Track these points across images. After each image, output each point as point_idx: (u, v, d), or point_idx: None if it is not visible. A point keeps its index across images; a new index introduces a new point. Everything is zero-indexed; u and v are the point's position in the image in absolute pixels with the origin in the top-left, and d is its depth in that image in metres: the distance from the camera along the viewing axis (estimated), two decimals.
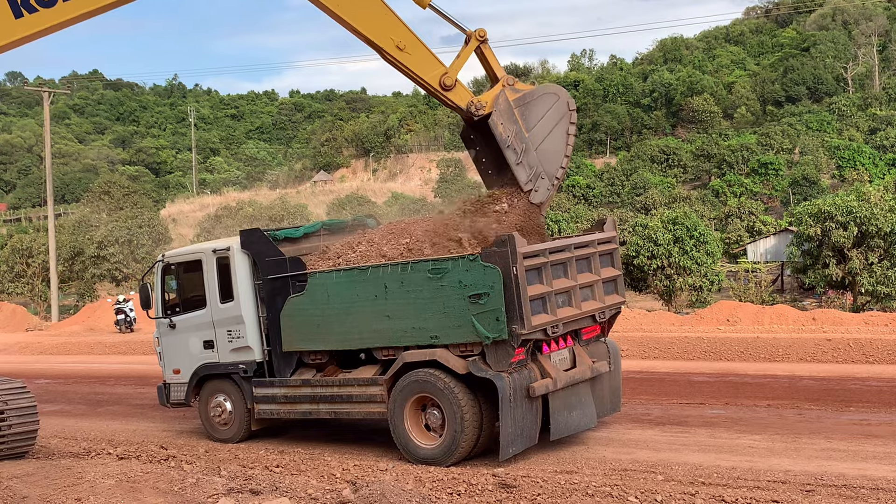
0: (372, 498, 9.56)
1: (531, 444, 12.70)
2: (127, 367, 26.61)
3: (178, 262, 15.88)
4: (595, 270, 13.73)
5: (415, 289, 12.82)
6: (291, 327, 14.09)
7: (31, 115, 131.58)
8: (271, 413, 14.70)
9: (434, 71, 13.79)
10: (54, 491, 11.04)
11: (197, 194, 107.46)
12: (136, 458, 13.73)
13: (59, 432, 16.26)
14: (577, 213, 55.09)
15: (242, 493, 10.92)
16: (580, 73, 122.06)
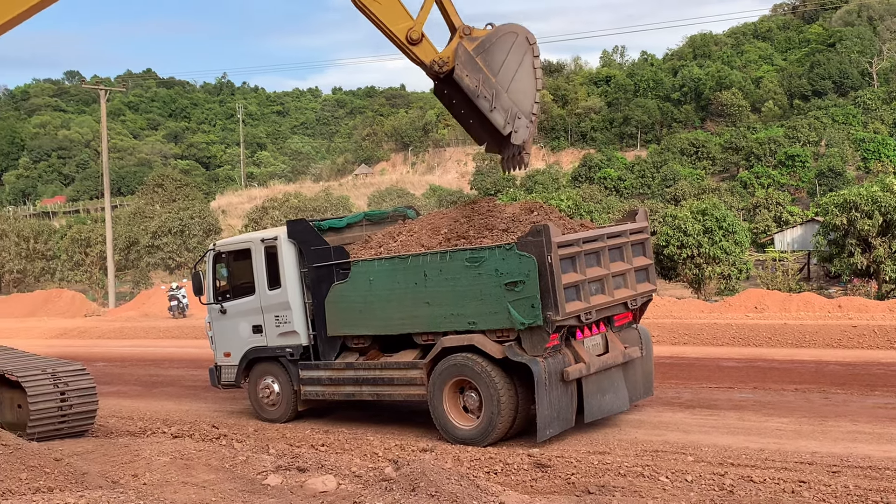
0: (413, 476, 9.55)
1: (567, 427, 12.69)
2: (180, 351, 26.82)
3: (229, 251, 15.99)
4: (627, 259, 13.66)
5: (453, 276, 12.82)
6: (335, 313, 14.14)
7: (89, 112, 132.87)
8: (316, 394, 14.79)
9: (402, 23, 13.04)
10: (113, 467, 11.16)
11: (245, 187, 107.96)
12: (189, 436, 13.87)
13: (117, 412, 16.45)
14: (608, 205, 54.82)
15: (290, 471, 10.99)
16: (612, 68, 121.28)
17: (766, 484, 10.18)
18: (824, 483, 10.11)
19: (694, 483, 10.33)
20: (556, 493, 10.14)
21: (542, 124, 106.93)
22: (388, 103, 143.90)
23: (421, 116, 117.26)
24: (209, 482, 10.61)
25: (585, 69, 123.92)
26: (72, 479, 10.30)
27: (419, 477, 9.45)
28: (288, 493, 10.10)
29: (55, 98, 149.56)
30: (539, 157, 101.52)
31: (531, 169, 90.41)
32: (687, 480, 10.46)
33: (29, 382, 12.97)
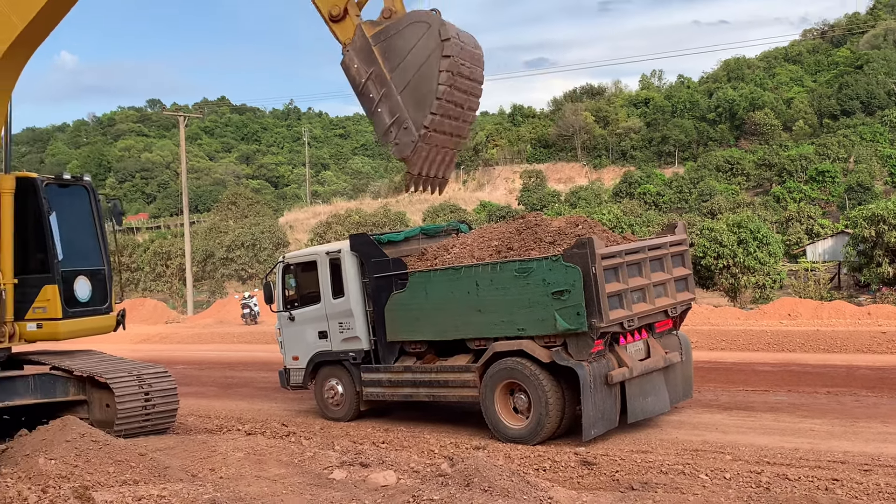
0: (467, 472, 9.53)
1: (611, 427, 12.62)
2: (252, 355, 27.09)
3: (297, 263, 16.13)
4: (667, 270, 13.65)
5: (503, 286, 12.81)
6: (394, 320, 14.23)
7: (169, 137, 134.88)
8: (377, 395, 14.87)
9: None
10: (192, 462, 11.29)
11: (310, 204, 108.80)
12: (261, 433, 13.97)
13: (195, 411, 16.65)
14: (648, 219, 54.33)
15: (353, 466, 11.02)
16: (650, 91, 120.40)
17: (800, 482, 10.04)
18: (856, 481, 9.95)
19: (732, 480, 10.22)
20: (602, 489, 10.07)
21: (584, 143, 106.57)
22: None
23: (472, 138, 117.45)
24: (280, 476, 10.69)
25: (625, 92, 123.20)
26: (155, 472, 10.43)
27: (473, 473, 9.44)
28: (352, 486, 10.14)
29: (138, 124, 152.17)
30: (582, 174, 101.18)
31: (574, 185, 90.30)
32: (725, 478, 10.35)
33: (117, 384, 13.16)
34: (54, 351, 14.18)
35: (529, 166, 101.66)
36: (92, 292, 13.82)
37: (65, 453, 10.60)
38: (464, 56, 10.45)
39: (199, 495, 8.89)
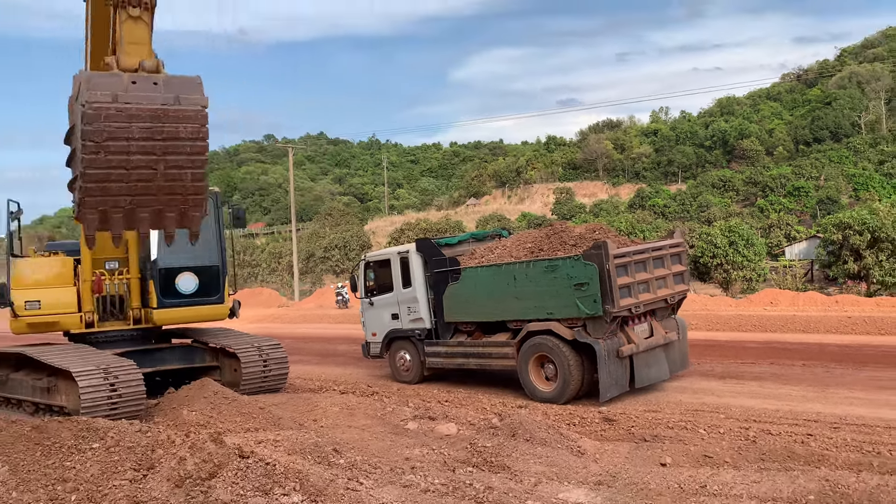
0: (513, 425, 9.53)
1: (623, 391, 12.54)
2: (343, 332, 27.33)
3: (375, 261, 16.25)
4: (667, 266, 13.50)
5: (535, 279, 12.88)
6: (450, 305, 14.38)
7: (280, 163, 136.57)
8: (437, 364, 14.97)
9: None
10: (299, 414, 11.45)
11: (388, 215, 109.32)
12: (351, 393, 14.10)
13: (301, 375, 16.84)
14: (657, 226, 53.58)
15: (423, 419, 11.07)
16: (658, 124, 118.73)
17: (780, 436, 9.85)
18: (827, 436, 9.73)
19: (725, 434, 10.06)
20: (620, 440, 9.98)
21: (605, 166, 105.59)
22: (491, 153, 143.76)
23: (515, 162, 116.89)
24: (366, 426, 10.79)
25: (638, 125, 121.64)
26: (271, 422, 10.60)
27: (517, 426, 9.44)
28: (422, 435, 10.20)
29: (257, 153, 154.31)
30: (603, 190, 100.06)
31: (597, 199, 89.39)
32: (720, 432, 10.19)
33: (242, 353, 13.39)
34: (196, 328, 14.38)
35: (561, 184, 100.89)
36: (200, 285, 13.32)
37: (202, 407, 10.83)
38: (120, 116, 7.61)
39: (305, 440, 9.01)
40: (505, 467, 8.24)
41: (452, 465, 8.35)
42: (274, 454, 7.84)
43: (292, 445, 8.62)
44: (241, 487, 6.38)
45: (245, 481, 6.45)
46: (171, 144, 7.91)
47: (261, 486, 6.40)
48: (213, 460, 6.73)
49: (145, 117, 7.73)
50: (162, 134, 7.84)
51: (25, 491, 7.11)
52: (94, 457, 7.50)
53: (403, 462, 8.42)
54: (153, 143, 7.83)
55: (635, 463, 8.57)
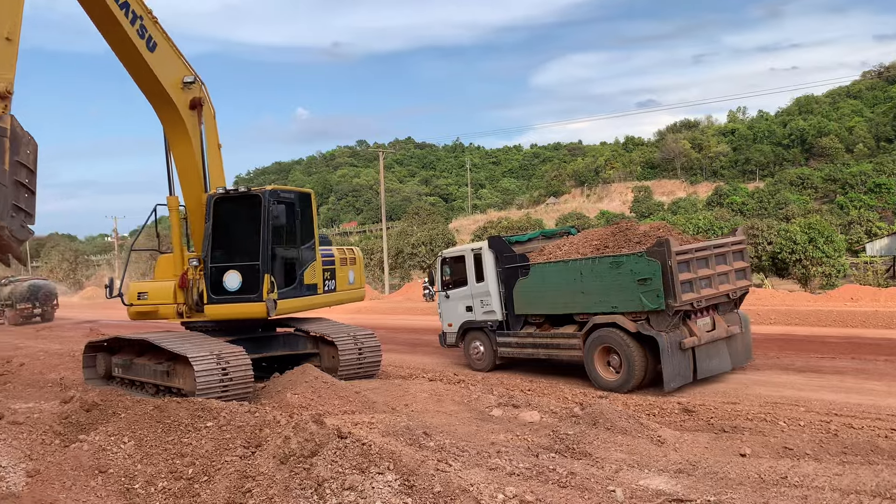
0: (594, 414, 9.43)
1: (686, 382, 12.43)
2: (430, 324, 27.53)
3: (451, 257, 16.52)
4: (729, 263, 13.38)
5: (601, 274, 12.92)
6: (520, 299, 14.50)
7: (371, 167, 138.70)
8: (508, 354, 15.13)
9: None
10: (391, 399, 11.62)
11: (471, 213, 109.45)
12: (439, 380, 14.20)
13: (392, 363, 17.08)
14: (735, 223, 51.78)
15: (507, 406, 11.06)
16: (736, 123, 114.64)
17: (863, 430, 9.37)
18: None
19: (806, 427, 9.64)
20: (700, 430, 9.71)
21: (682, 165, 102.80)
22: (570, 153, 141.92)
23: (593, 162, 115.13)
24: (454, 411, 10.86)
25: (715, 124, 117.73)
26: (366, 405, 10.81)
27: (598, 415, 9.32)
28: (507, 421, 10.20)
29: (350, 158, 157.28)
30: (681, 188, 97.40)
31: (675, 197, 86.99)
32: (800, 425, 9.77)
33: (340, 342, 13.70)
34: (298, 318, 14.63)
35: (639, 183, 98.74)
36: (242, 283, 12.66)
37: (304, 390, 11.13)
38: None
39: (397, 423, 9.15)
40: (586, 454, 8.15)
41: (536, 450, 8.32)
42: (369, 435, 8.01)
43: (386, 428, 8.77)
44: (340, 465, 6.54)
45: (343, 460, 6.61)
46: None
47: (358, 464, 6.54)
48: (314, 440, 6.93)
49: None
50: None
51: (149, 464, 7.51)
52: (208, 434, 7.83)
53: (489, 446, 8.44)
54: None
55: (715, 453, 8.33)
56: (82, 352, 14.87)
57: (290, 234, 13.22)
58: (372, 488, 6.18)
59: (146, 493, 7.03)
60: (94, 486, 7.08)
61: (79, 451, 7.64)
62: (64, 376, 15.81)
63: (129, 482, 7.19)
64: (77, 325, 34.73)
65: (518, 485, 6.82)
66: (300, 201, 13.50)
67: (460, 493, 6.20)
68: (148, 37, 11.98)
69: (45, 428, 8.87)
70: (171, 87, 12.62)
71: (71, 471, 7.26)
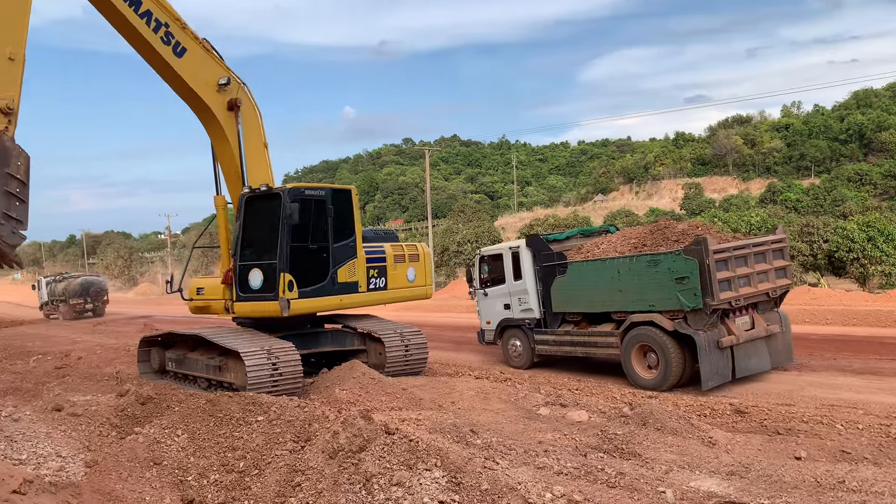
0: (644, 414, 9.31)
1: (725, 381, 12.54)
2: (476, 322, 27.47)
3: (489, 255, 16.68)
4: (769, 261, 13.26)
5: (638, 273, 12.97)
6: (557, 297, 14.67)
7: (417, 164, 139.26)
8: (545, 351, 15.26)
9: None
10: (438, 396, 11.66)
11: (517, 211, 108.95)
12: (486, 378, 14.19)
13: (438, 360, 17.14)
14: (789, 220, 50.47)
15: (555, 405, 11.00)
16: (790, 118, 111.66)
17: None
18: None
19: (864, 430, 9.34)
20: (752, 432, 9.51)
21: (734, 161, 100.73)
22: (618, 150, 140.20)
23: (643, 158, 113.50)
24: (501, 409, 10.84)
25: (769, 119, 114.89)
26: (413, 402, 10.86)
27: (648, 415, 9.21)
28: (554, 420, 10.14)
29: (396, 156, 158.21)
30: (733, 185, 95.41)
31: (726, 194, 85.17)
32: (858, 428, 9.48)
33: (387, 339, 13.80)
34: (347, 315, 14.76)
35: (689, 179, 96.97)
36: (263, 282, 12.75)
37: (352, 386, 11.24)
38: None
39: (444, 420, 9.17)
40: (636, 454, 8.05)
41: (584, 450, 8.25)
42: (416, 432, 8.03)
43: (433, 425, 8.79)
44: (388, 461, 6.58)
45: (391, 456, 6.65)
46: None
47: (405, 460, 6.57)
48: (362, 435, 6.99)
49: None
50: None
51: (202, 457, 7.67)
52: (258, 428, 7.97)
53: (536, 445, 8.40)
54: None
55: (768, 455, 8.15)
56: (137, 346, 15.29)
57: (319, 232, 13.02)
58: (420, 485, 6.21)
59: (199, 485, 7.19)
60: (149, 477, 7.27)
61: (134, 443, 7.86)
62: (120, 370, 16.27)
63: (182, 474, 7.37)
64: (131, 321, 35.73)
65: (566, 484, 6.77)
66: (334, 198, 13.23)
67: (508, 491, 6.19)
68: (175, 43, 12.20)
69: (103, 420, 9.14)
70: (203, 89, 12.73)
71: (127, 462, 7.46)
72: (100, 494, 6.81)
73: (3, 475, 6.29)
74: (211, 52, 12.88)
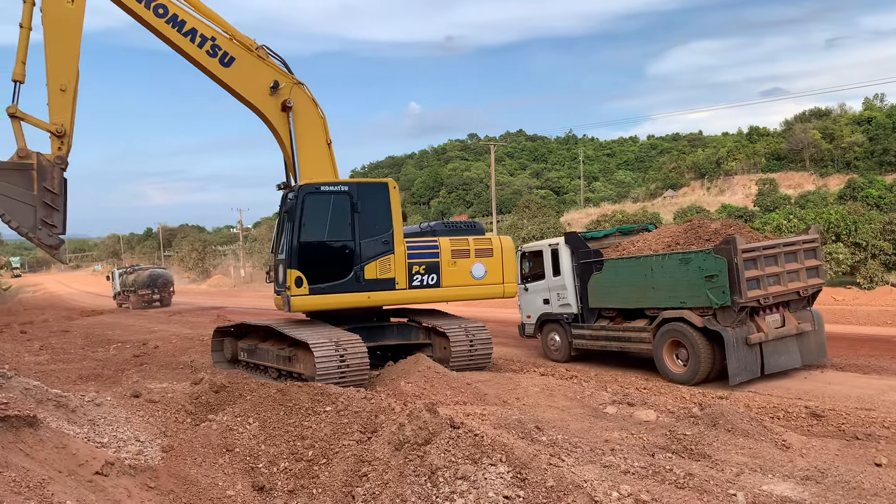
0: (714, 415, 9.09)
1: (753, 377, 12.79)
2: None
3: (530, 252, 17.10)
4: (800, 261, 13.44)
5: (670, 271, 13.38)
6: (594, 293, 15.13)
7: (482, 160, 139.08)
8: (582, 346, 15.73)
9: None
10: (503, 391, 11.66)
11: (583, 207, 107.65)
12: (551, 375, 14.10)
13: (503, 356, 17.13)
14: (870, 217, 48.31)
15: (622, 404, 10.86)
16: (873, 111, 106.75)
17: None
18: None
19: None
20: (829, 436, 9.18)
21: (812, 156, 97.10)
22: (689, 144, 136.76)
23: (715, 153, 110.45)
24: (566, 407, 10.77)
25: (849, 113, 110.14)
26: (477, 397, 10.89)
27: (719, 416, 9.00)
28: (621, 419, 10.01)
29: (461, 151, 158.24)
30: (810, 181, 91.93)
31: (803, 190, 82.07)
32: None
33: (452, 333, 13.87)
34: (412, 309, 14.81)
35: (763, 175, 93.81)
36: (282, 277, 13.20)
37: (417, 379, 11.34)
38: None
39: (509, 416, 9.17)
40: (705, 455, 7.88)
41: (652, 449, 8.13)
42: (481, 427, 8.06)
43: (497, 420, 8.80)
44: (453, 455, 6.63)
45: (456, 449, 6.69)
46: None
47: (470, 454, 6.61)
48: (427, 428, 7.05)
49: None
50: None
51: (272, 445, 7.88)
52: (326, 418, 8.14)
53: (603, 443, 8.32)
54: None
55: (846, 461, 7.85)
56: (211, 336, 15.79)
57: (340, 228, 13.03)
58: (484, 479, 6.23)
59: (269, 472, 7.39)
60: (222, 463, 7.52)
61: (208, 430, 8.13)
62: (194, 359, 16.85)
63: (253, 461, 7.59)
64: (204, 311, 36.90)
65: (633, 483, 6.69)
66: (362, 193, 13.14)
67: (573, 488, 6.15)
68: (222, 54, 12.93)
69: (178, 407, 9.48)
70: (253, 94, 13.20)
71: (201, 448, 7.73)
72: (176, 478, 7.08)
73: (87, 457, 6.61)
74: (264, 59, 13.33)
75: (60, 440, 6.53)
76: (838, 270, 29.03)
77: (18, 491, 4.97)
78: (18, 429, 6.17)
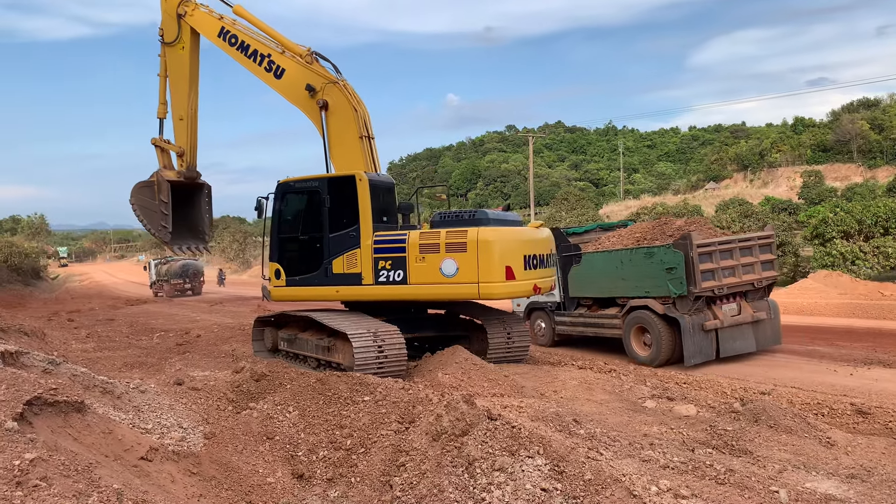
0: (756, 411, 8.96)
1: (708, 359, 14.10)
2: None
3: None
4: (755, 255, 14.76)
5: (637, 263, 14.74)
6: (573, 283, 16.47)
7: (520, 152, 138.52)
8: (564, 331, 17.05)
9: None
10: (540, 384, 11.63)
11: (623, 199, 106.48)
12: (589, 368, 14.01)
13: (539, 349, 17.04)
14: None
15: (661, 399, 10.75)
16: None
17: None
18: None
19: None
20: (876, 434, 8.97)
21: (860, 147, 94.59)
22: (732, 136, 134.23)
23: (758, 144, 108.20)
24: (604, 401, 10.71)
25: None
26: (515, 389, 10.88)
27: (760, 412, 8.86)
28: (661, 414, 9.91)
29: (499, 143, 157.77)
30: (857, 173, 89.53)
31: (850, 182, 80.00)
32: None
33: (489, 325, 13.88)
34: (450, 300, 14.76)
35: (809, 167, 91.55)
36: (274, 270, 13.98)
37: (454, 371, 11.38)
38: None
39: (546, 409, 9.14)
40: (747, 452, 7.77)
41: (691, 444, 8.04)
42: (519, 419, 8.06)
43: (535, 413, 8.79)
44: (490, 446, 6.64)
45: (494, 441, 6.70)
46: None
47: (507, 446, 6.61)
48: (465, 419, 7.07)
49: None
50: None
51: (311, 433, 7.99)
52: (365, 408, 8.22)
53: (642, 438, 8.25)
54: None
55: (894, 459, 7.66)
56: (252, 326, 16.03)
57: (311, 223, 13.34)
58: (522, 471, 6.23)
59: (308, 460, 7.49)
60: (262, 451, 7.64)
61: (249, 418, 8.28)
62: (235, 348, 17.12)
63: (293, 449, 7.70)
64: (245, 301, 37.46)
65: (672, 478, 6.62)
66: (332, 188, 13.05)
67: (612, 482, 6.11)
68: (276, 68, 14.24)
69: (220, 395, 9.66)
70: (298, 100, 14.08)
71: (242, 435, 7.87)
72: (217, 465, 7.22)
73: (132, 443, 6.78)
74: (308, 65, 14.03)
75: (107, 425, 6.70)
76: (886, 265, 28.23)
77: (67, 474, 5.12)
78: (67, 414, 6.35)
